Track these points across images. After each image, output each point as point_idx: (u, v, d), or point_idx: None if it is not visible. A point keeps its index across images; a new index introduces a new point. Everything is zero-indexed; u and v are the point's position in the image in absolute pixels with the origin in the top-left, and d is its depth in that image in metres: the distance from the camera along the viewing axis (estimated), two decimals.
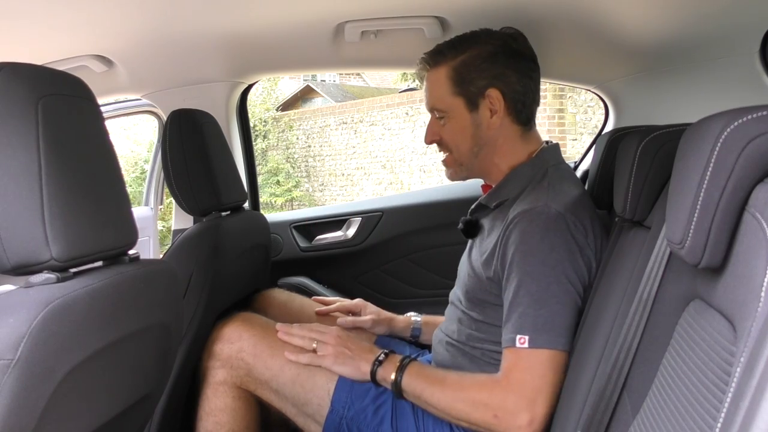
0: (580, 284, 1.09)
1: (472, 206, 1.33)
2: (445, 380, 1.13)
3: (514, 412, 1.03)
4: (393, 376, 1.16)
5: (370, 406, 1.21)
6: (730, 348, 0.51)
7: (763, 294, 0.47)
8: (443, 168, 1.34)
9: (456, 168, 1.30)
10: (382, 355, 1.21)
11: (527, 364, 1.05)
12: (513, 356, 1.06)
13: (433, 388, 1.12)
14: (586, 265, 1.11)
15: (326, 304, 1.62)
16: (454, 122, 1.25)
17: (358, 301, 1.60)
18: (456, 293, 1.33)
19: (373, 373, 1.20)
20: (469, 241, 1.34)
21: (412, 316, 1.56)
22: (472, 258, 1.26)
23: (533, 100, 1.27)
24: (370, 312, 1.56)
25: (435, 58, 1.25)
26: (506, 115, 1.23)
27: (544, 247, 1.08)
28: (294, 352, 1.25)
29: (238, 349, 1.29)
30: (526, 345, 1.04)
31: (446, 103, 1.24)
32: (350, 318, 1.54)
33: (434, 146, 1.32)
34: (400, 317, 1.56)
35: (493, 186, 1.27)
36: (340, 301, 1.62)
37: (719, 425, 0.47)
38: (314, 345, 1.25)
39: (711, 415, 0.51)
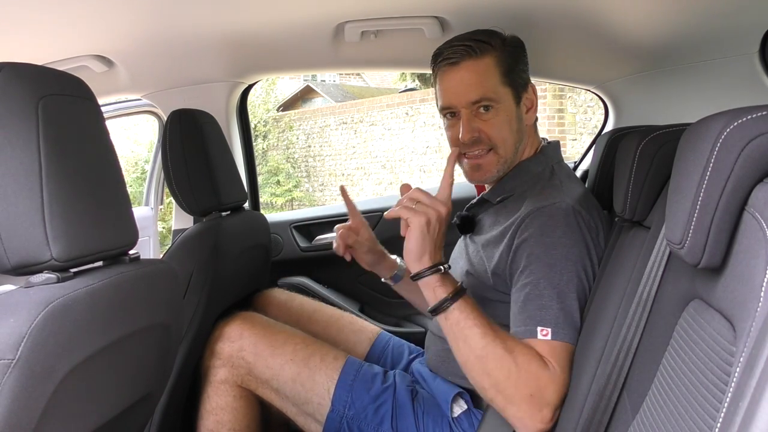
0: (591, 281, 1.09)
1: (472, 201, 1.32)
2: (498, 331, 1.02)
3: (548, 402, 0.98)
4: (450, 291, 1.03)
5: (370, 405, 1.21)
6: (730, 348, 0.51)
7: (762, 294, 0.47)
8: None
9: (498, 167, 1.21)
10: (448, 266, 1.07)
11: (560, 357, 1.01)
12: (547, 347, 1.01)
13: (484, 328, 1.00)
14: (598, 263, 1.10)
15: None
16: (503, 115, 1.18)
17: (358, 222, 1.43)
18: None
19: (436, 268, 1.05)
20: (461, 240, 1.33)
21: (397, 260, 1.46)
22: (470, 255, 1.24)
23: None
24: (369, 237, 1.42)
25: (481, 45, 1.17)
26: (534, 111, 1.24)
27: (566, 241, 1.06)
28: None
29: (239, 348, 1.30)
30: (548, 337, 1.01)
31: (498, 93, 1.17)
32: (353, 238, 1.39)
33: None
34: (390, 257, 1.45)
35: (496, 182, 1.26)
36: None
37: (719, 425, 0.47)
38: (414, 206, 1.07)
39: (710, 415, 0.51)
